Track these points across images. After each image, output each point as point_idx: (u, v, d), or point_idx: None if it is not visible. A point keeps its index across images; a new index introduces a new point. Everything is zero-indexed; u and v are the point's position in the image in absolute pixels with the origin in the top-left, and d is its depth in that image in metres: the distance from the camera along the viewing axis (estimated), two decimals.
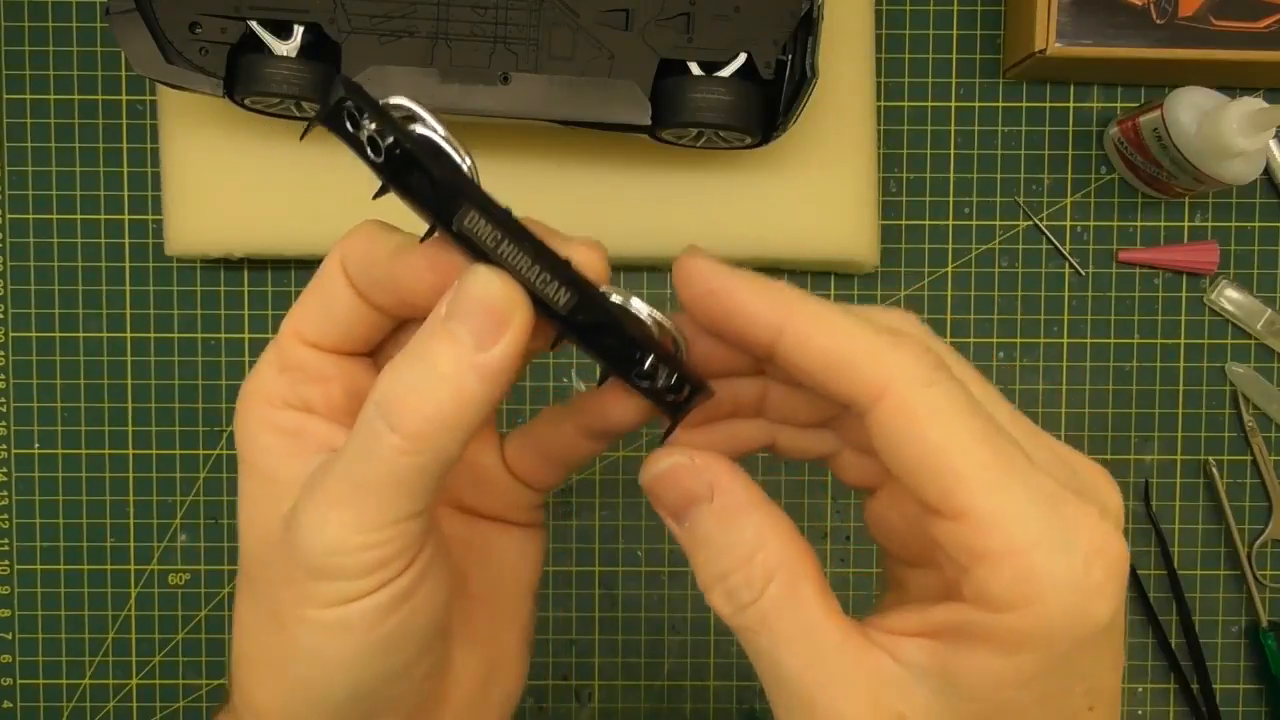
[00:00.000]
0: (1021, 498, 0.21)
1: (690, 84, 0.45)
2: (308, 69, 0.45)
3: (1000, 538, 0.21)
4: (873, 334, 0.23)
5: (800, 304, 0.24)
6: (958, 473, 0.21)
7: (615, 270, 0.55)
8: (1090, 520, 0.22)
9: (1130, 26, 0.50)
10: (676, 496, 0.25)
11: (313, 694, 0.25)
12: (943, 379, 0.22)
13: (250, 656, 0.26)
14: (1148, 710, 0.57)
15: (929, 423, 0.22)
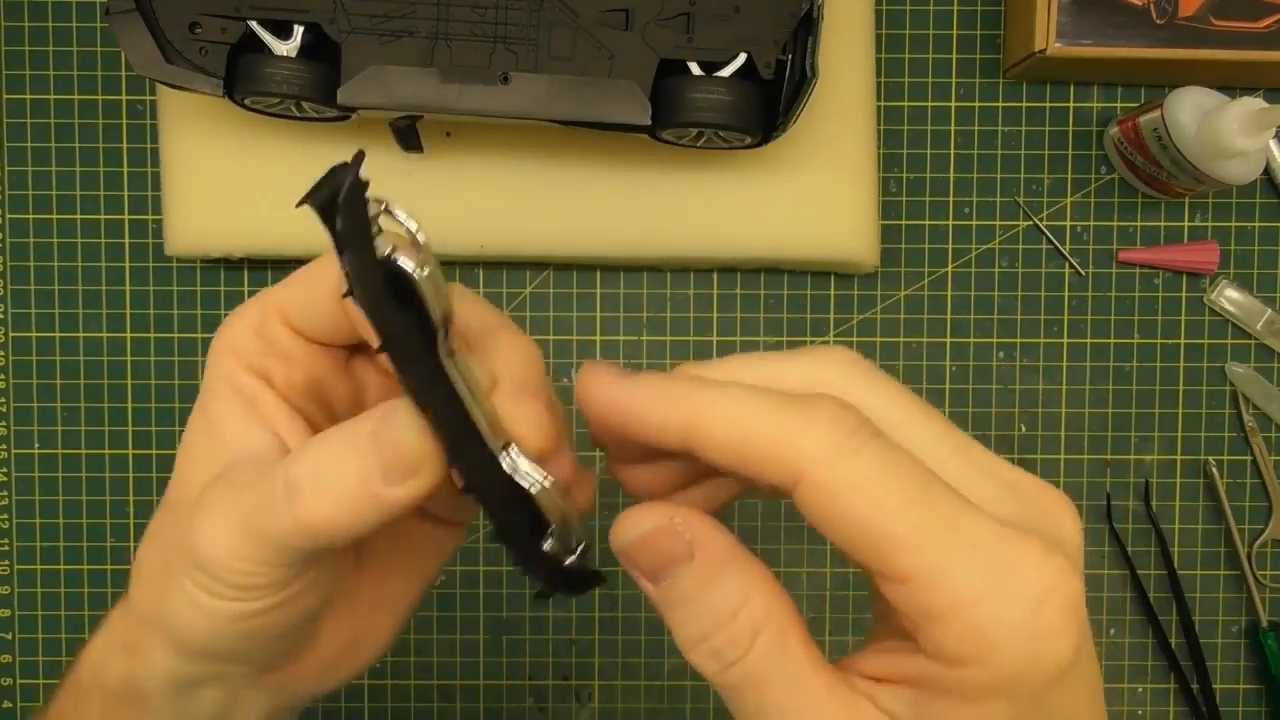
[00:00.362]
0: (962, 551, 0.21)
1: (690, 84, 0.45)
2: (308, 69, 0.45)
3: (945, 596, 0.21)
4: (779, 416, 0.22)
5: (699, 400, 0.23)
6: (893, 540, 0.21)
7: (615, 271, 0.56)
8: (1036, 559, 0.21)
9: (1130, 26, 0.50)
10: (655, 560, 0.24)
11: (177, 629, 0.27)
12: (860, 445, 0.22)
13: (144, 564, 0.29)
14: (1148, 710, 0.57)
15: (852, 498, 0.21)
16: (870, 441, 0.22)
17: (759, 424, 0.22)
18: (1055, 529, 0.23)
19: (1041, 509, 0.23)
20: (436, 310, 0.22)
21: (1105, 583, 0.57)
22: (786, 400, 0.22)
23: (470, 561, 0.56)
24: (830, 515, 0.22)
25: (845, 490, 0.21)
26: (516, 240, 0.52)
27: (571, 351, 0.56)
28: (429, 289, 0.22)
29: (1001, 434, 0.56)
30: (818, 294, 0.56)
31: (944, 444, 0.24)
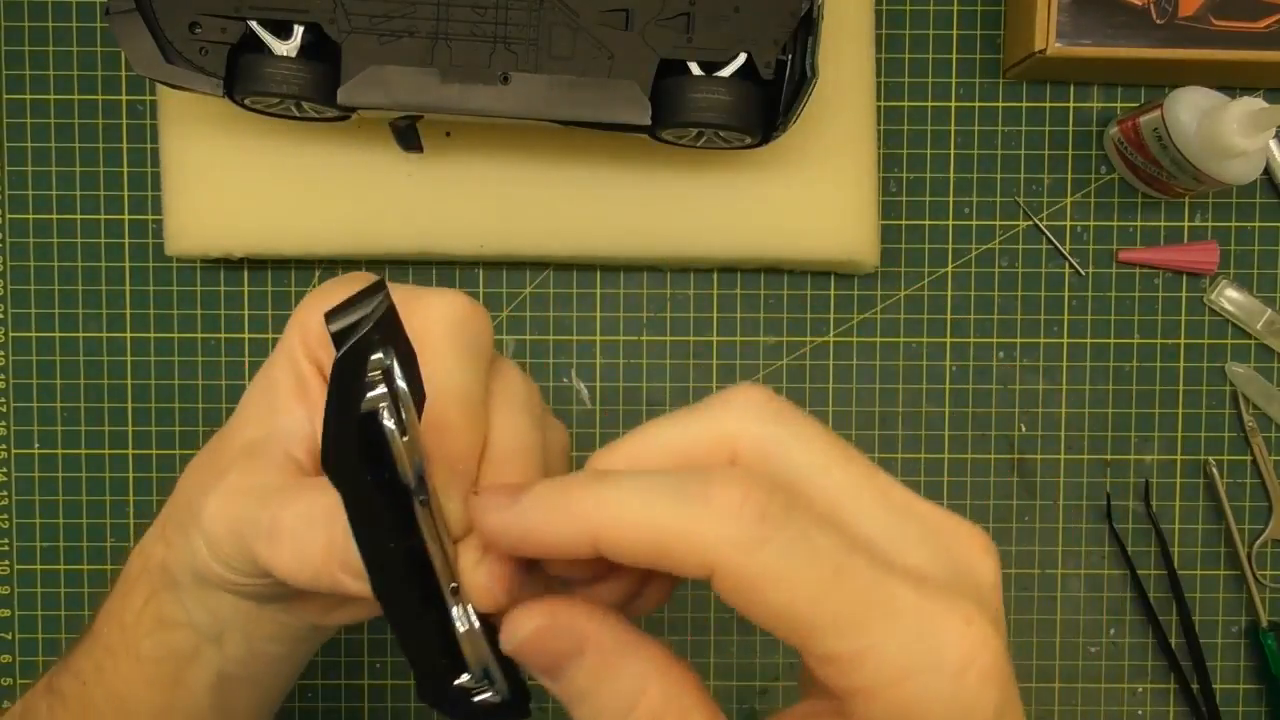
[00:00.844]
0: (883, 630, 0.21)
1: (690, 84, 0.45)
2: (308, 69, 0.45)
3: (869, 676, 0.21)
4: (682, 510, 0.22)
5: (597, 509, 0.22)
6: (811, 626, 0.21)
7: (615, 271, 0.56)
8: (957, 630, 0.21)
9: (1130, 26, 0.50)
10: (546, 659, 0.24)
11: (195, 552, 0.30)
12: (770, 532, 0.21)
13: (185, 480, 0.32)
14: (1148, 710, 0.57)
15: (767, 589, 0.21)
16: (780, 526, 0.21)
17: (662, 523, 0.22)
18: (973, 572, 0.23)
19: (961, 552, 0.24)
20: (408, 469, 0.23)
21: (1105, 583, 0.57)
22: (687, 490, 0.22)
23: None
24: (749, 605, 0.22)
25: (759, 582, 0.21)
26: (516, 240, 0.52)
27: (571, 352, 0.56)
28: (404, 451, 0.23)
29: (1001, 434, 0.56)
30: (818, 294, 0.56)
31: (864, 490, 0.24)
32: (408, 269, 0.56)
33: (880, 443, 0.56)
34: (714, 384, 0.56)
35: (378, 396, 0.22)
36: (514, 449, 0.27)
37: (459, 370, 0.26)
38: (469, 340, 0.27)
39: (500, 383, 0.28)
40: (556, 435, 0.30)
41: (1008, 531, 0.56)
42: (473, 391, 0.26)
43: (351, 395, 0.22)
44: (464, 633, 0.25)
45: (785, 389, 0.56)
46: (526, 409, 0.28)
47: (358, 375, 0.22)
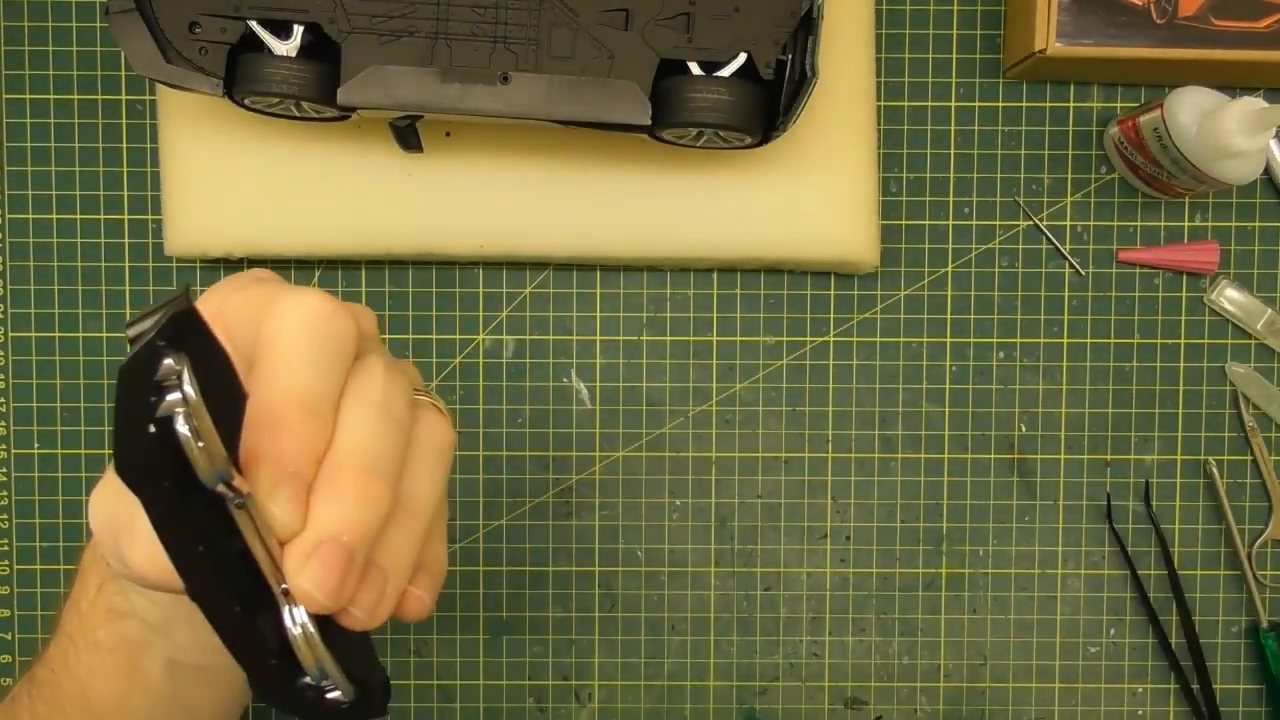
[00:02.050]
0: None
1: (690, 84, 0.45)
2: (308, 69, 0.45)
3: None
4: None
5: None
6: None
7: (615, 271, 0.56)
8: None
9: (1130, 26, 0.50)
10: None
11: None
12: None
13: None
14: (1148, 710, 0.57)
15: None
16: None
17: None
18: None
19: None
20: (208, 471, 0.23)
21: (1105, 583, 0.57)
22: None
23: (470, 562, 0.56)
24: None
25: None
26: (516, 240, 0.52)
27: (571, 352, 0.56)
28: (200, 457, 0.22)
29: (1001, 434, 0.56)
30: (818, 294, 0.56)
31: None
32: (408, 269, 0.56)
33: (880, 443, 0.56)
34: (714, 384, 0.56)
35: (174, 402, 0.22)
36: (356, 449, 0.26)
37: (304, 369, 0.26)
38: (321, 339, 0.26)
39: (358, 381, 0.27)
40: (431, 431, 0.29)
41: (1008, 531, 0.56)
42: (317, 391, 0.26)
43: (141, 401, 0.22)
44: (295, 636, 0.25)
45: (785, 389, 0.56)
46: (381, 408, 0.27)
47: (145, 380, 0.22)
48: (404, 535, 0.27)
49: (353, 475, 0.26)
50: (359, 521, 0.25)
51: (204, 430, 0.22)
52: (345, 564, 0.25)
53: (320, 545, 0.25)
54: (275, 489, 0.25)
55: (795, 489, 0.56)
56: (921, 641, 0.57)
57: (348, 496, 0.25)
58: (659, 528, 0.56)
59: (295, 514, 0.25)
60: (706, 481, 0.56)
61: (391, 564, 0.27)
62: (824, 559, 0.57)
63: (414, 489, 0.28)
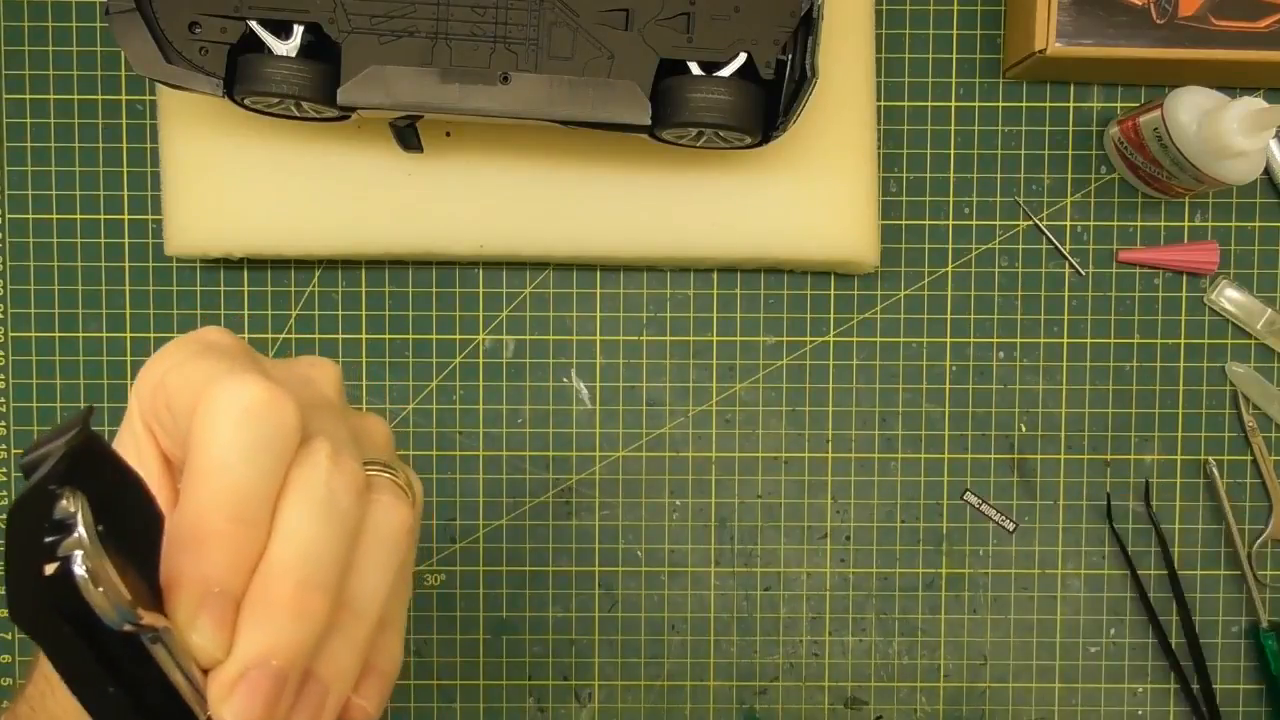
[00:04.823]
0: None
1: (690, 84, 0.45)
2: (308, 69, 0.45)
3: None
4: None
5: None
6: None
7: (615, 271, 0.56)
8: None
9: (1130, 26, 0.50)
10: None
11: None
12: None
13: None
14: (1148, 710, 0.57)
15: None
16: None
17: None
18: None
19: None
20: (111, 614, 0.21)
21: (1105, 583, 0.57)
22: None
23: (470, 561, 0.56)
24: None
25: None
26: (516, 240, 0.52)
27: (571, 352, 0.56)
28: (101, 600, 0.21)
29: (1001, 434, 0.56)
30: (818, 294, 0.56)
31: None
32: (408, 269, 0.56)
33: (880, 443, 0.56)
34: (714, 384, 0.56)
35: (70, 543, 0.20)
36: (292, 559, 0.23)
37: (234, 471, 0.23)
38: (258, 434, 0.24)
39: (299, 474, 0.24)
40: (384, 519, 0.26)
41: (1008, 531, 0.56)
42: (249, 492, 0.23)
43: (33, 545, 0.20)
44: None
45: (785, 389, 0.56)
46: (324, 505, 0.24)
47: (38, 522, 0.20)
48: (347, 641, 0.25)
49: (287, 591, 0.23)
50: (292, 641, 0.23)
51: (102, 573, 0.20)
52: (274, 690, 0.23)
53: (246, 672, 0.22)
54: (197, 614, 0.22)
55: (795, 489, 0.56)
56: (921, 641, 0.57)
57: (280, 615, 0.23)
58: (659, 528, 0.56)
59: (219, 641, 0.23)
60: (706, 481, 0.56)
61: (332, 675, 0.24)
62: (824, 559, 0.57)
63: (360, 587, 0.25)
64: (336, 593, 0.24)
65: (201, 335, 0.27)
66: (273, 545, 0.23)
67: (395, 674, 0.27)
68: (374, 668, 0.26)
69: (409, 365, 0.56)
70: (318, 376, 0.29)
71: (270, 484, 0.24)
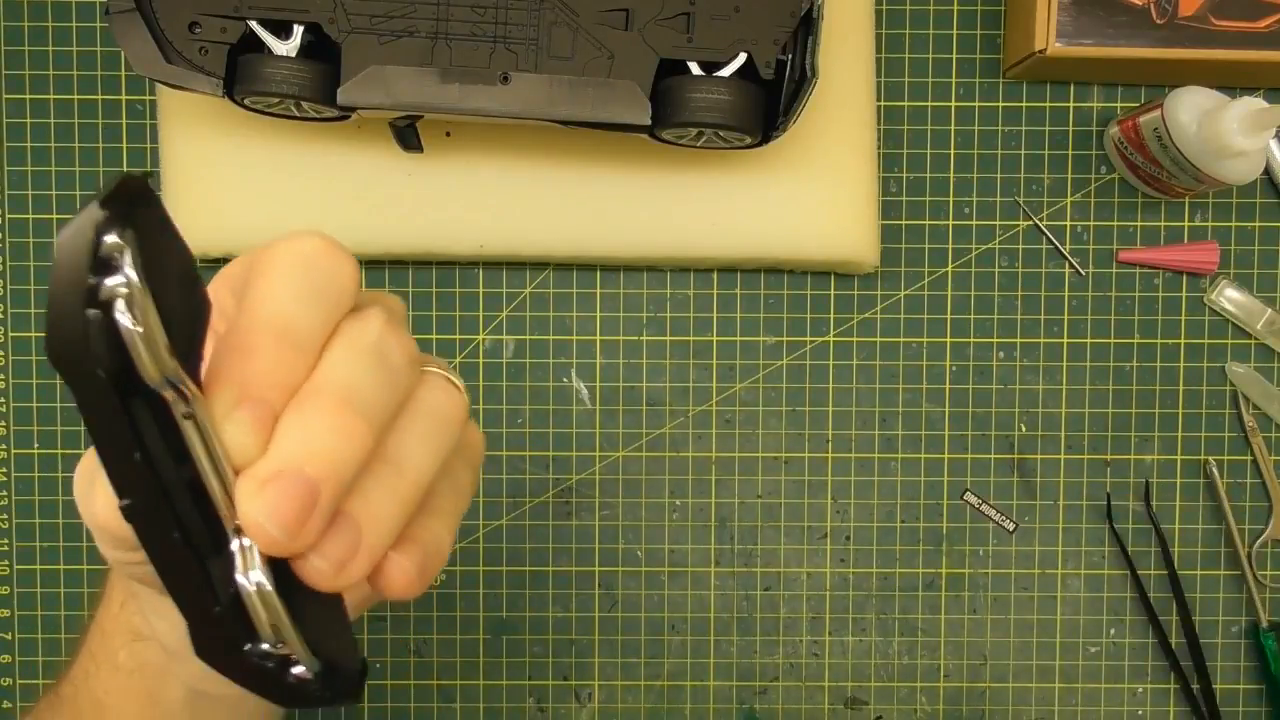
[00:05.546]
0: None
1: (690, 84, 0.45)
2: (308, 69, 0.45)
3: None
4: None
5: None
6: None
7: (615, 271, 0.56)
8: None
9: (1130, 26, 0.50)
10: None
11: None
12: None
13: None
14: (1148, 710, 0.57)
15: None
16: None
17: None
18: None
19: None
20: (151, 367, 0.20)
21: (1105, 583, 0.57)
22: None
23: (470, 561, 0.56)
24: None
25: None
26: (516, 240, 0.52)
27: (571, 351, 0.56)
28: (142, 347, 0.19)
29: (1001, 434, 0.56)
30: (818, 294, 0.56)
31: None
32: (408, 269, 0.56)
33: (880, 443, 0.56)
34: (714, 384, 0.56)
35: (116, 283, 0.19)
36: (336, 381, 0.23)
37: (286, 299, 0.23)
38: (311, 275, 0.24)
39: (352, 325, 0.24)
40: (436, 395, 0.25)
41: (1008, 531, 0.56)
42: (298, 323, 0.23)
43: (77, 279, 0.19)
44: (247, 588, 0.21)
45: (785, 389, 0.56)
46: (373, 352, 0.24)
47: (84, 257, 0.19)
48: (386, 491, 0.23)
49: (328, 404, 0.22)
50: (329, 454, 0.22)
51: (148, 318, 0.19)
52: (306, 497, 0.21)
53: (279, 473, 0.21)
54: (234, 408, 0.22)
55: (795, 489, 0.56)
56: (921, 641, 0.57)
57: (319, 424, 0.22)
58: (659, 528, 0.56)
59: (255, 437, 0.22)
60: (706, 481, 0.56)
61: (367, 518, 0.23)
62: (824, 559, 0.57)
63: (405, 446, 0.24)
64: (379, 432, 0.23)
65: None
66: (318, 371, 0.23)
67: (439, 558, 0.25)
68: (416, 539, 0.25)
69: None
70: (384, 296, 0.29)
71: (320, 322, 0.23)
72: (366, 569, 0.23)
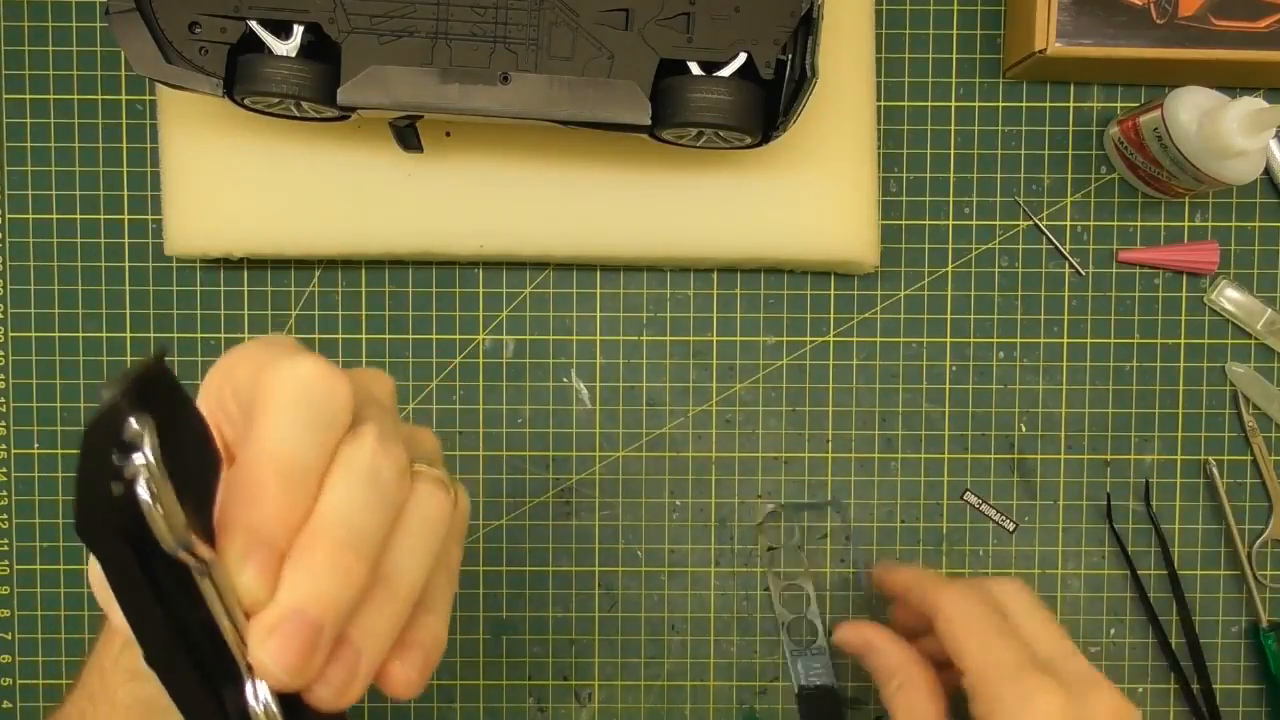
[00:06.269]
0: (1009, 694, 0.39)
1: (690, 84, 0.45)
2: (308, 69, 0.45)
3: None
4: None
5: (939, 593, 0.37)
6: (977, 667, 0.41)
7: (615, 271, 0.56)
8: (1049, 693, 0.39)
9: (1130, 26, 0.50)
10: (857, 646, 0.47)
11: None
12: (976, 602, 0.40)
13: None
14: (1148, 710, 0.57)
15: None
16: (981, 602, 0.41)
17: None
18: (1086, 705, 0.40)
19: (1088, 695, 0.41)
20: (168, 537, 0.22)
21: (1105, 583, 0.57)
22: None
23: (471, 561, 0.56)
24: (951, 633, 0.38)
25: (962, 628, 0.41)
26: (516, 240, 0.52)
27: (571, 352, 0.56)
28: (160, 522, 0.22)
29: (1001, 434, 0.56)
30: (818, 294, 0.56)
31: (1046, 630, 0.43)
32: (408, 269, 0.56)
33: (880, 443, 0.56)
34: (714, 384, 0.56)
35: (136, 464, 0.21)
36: (333, 520, 0.25)
37: (289, 436, 0.25)
38: (311, 407, 0.26)
39: (347, 450, 0.26)
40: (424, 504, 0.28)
41: (1008, 531, 0.56)
42: (300, 458, 0.25)
43: (102, 461, 0.21)
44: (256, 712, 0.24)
45: (785, 389, 0.56)
46: (367, 478, 0.26)
47: (108, 440, 0.21)
48: (381, 612, 0.26)
49: (326, 547, 0.25)
50: (329, 595, 0.24)
51: (164, 495, 0.22)
52: (309, 639, 0.24)
53: (285, 619, 0.24)
54: (244, 558, 0.24)
55: (795, 489, 0.56)
56: None
57: (319, 570, 0.25)
58: (659, 528, 0.56)
59: (263, 584, 0.24)
60: (706, 481, 0.56)
61: (366, 641, 0.26)
62: (824, 559, 0.57)
63: (398, 564, 0.27)
64: (374, 561, 0.26)
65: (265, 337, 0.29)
66: (318, 507, 0.25)
67: (437, 652, 0.28)
68: (415, 642, 0.28)
69: (409, 365, 0.56)
70: (372, 381, 0.31)
71: (320, 454, 0.26)
72: (365, 687, 0.26)
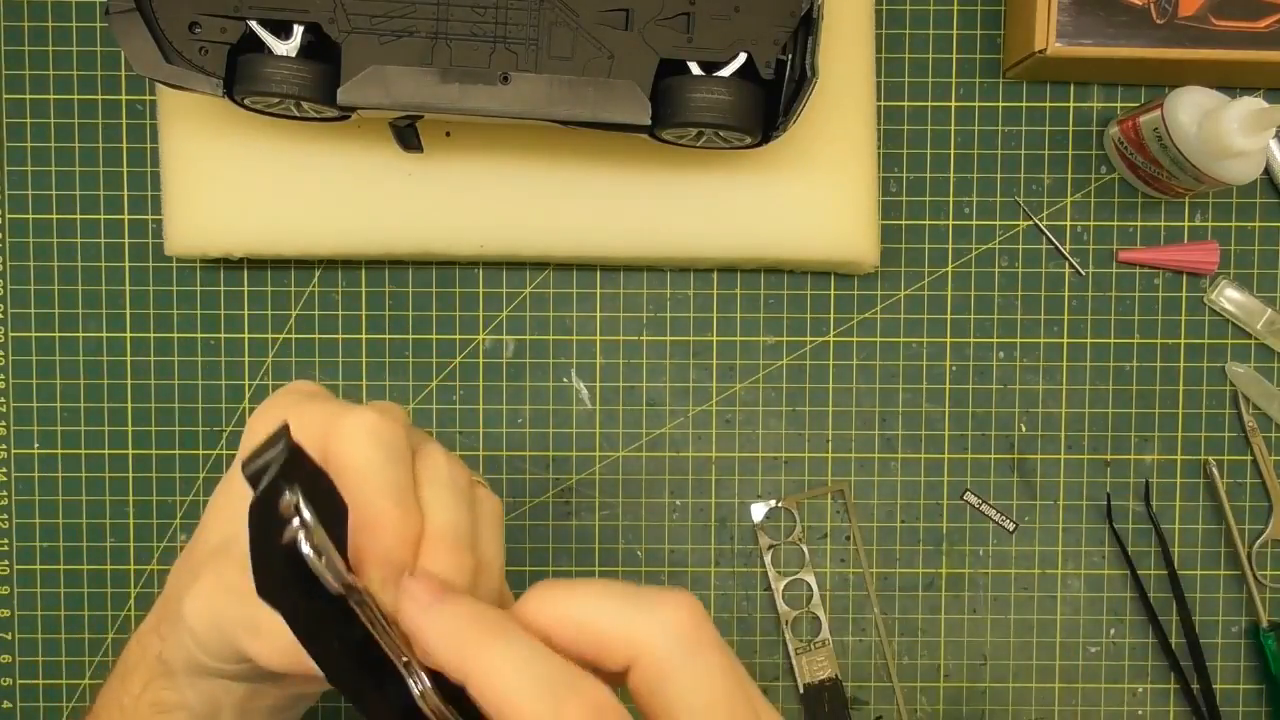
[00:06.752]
0: None
1: (690, 84, 0.45)
2: (308, 69, 0.45)
3: None
4: None
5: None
6: None
7: (615, 271, 0.56)
8: None
9: (1130, 26, 0.50)
10: None
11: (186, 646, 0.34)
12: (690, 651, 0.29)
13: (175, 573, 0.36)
14: (1148, 710, 0.57)
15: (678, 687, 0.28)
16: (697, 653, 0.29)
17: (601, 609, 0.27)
18: None
19: None
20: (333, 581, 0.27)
21: (1105, 583, 0.57)
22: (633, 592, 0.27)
23: None
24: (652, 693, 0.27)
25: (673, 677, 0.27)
26: (516, 240, 0.52)
27: (571, 352, 0.56)
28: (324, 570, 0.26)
29: (1001, 434, 0.56)
30: (818, 294, 0.56)
31: None
32: (408, 269, 0.56)
33: (880, 443, 0.56)
34: (714, 384, 0.56)
35: (295, 529, 0.26)
36: (442, 529, 0.30)
37: (381, 471, 0.30)
38: (384, 444, 0.30)
39: (426, 467, 0.31)
40: (487, 505, 0.33)
41: (1008, 531, 0.56)
42: (397, 484, 0.30)
43: (269, 532, 0.25)
44: (420, 694, 0.27)
45: (785, 389, 0.56)
46: (450, 486, 0.31)
47: (271, 514, 0.25)
48: (486, 592, 0.32)
49: (446, 552, 0.30)
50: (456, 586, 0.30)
51: (324, 548, 0.26)
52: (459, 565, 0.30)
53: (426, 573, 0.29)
54: (385, 583, 0.29)
55: (795, 489, 0.56)
56: (921, 641, 0.57)
57: (444, 571, 0.30)
58: (659, 528, 0.56)
59: None
60: (706, 481, 0.56)
61: None
62: (825, 558, 0.57)
63: (484, 550, 0.32)
64: (475, 552, 0.31)
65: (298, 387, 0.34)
66: (427, 521, 0.30)
67: None
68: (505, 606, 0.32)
69: (409, 365, 0.56)
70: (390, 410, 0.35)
71: (409, 479, 0.31)
72: None
